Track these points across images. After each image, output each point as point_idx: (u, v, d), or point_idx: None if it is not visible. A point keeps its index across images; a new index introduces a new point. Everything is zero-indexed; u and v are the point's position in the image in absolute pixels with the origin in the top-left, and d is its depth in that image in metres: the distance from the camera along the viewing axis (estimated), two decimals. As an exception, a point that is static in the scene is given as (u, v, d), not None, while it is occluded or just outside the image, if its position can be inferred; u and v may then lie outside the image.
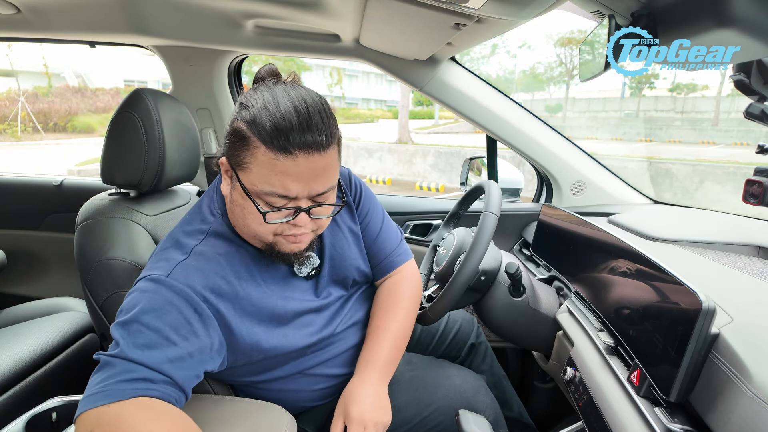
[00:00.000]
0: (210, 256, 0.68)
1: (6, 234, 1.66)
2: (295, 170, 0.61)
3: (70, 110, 15.12)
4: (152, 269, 0.66)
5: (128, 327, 0.59)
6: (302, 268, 0.78)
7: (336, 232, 0.83)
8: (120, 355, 0.57)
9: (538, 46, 40.53)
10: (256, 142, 0.60)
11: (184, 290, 0.63)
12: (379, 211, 0.90)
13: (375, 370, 0.78)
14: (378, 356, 0.79)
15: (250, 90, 0.66)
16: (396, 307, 0.85)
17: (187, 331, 0.62)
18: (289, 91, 0.62)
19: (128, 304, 0.62)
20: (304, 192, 0.63)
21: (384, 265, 0.89)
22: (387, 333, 0.82)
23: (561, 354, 0.90)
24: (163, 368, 0.57)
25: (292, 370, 0.78)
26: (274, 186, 0.62)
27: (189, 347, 0.61)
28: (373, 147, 11.18)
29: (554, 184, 1.45)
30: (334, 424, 0.73)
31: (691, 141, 16.89)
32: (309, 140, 0.60)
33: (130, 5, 1.16)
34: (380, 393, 0.76)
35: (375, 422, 0.72)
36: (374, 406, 0.73)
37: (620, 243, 0.80)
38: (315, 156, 0.61)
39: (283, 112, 0.59)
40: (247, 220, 0.67)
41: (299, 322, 0.75)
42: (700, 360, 0.55)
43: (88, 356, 1.25)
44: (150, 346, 0.58)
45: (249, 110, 0.62)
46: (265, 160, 0.60)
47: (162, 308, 0.61)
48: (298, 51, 1.36)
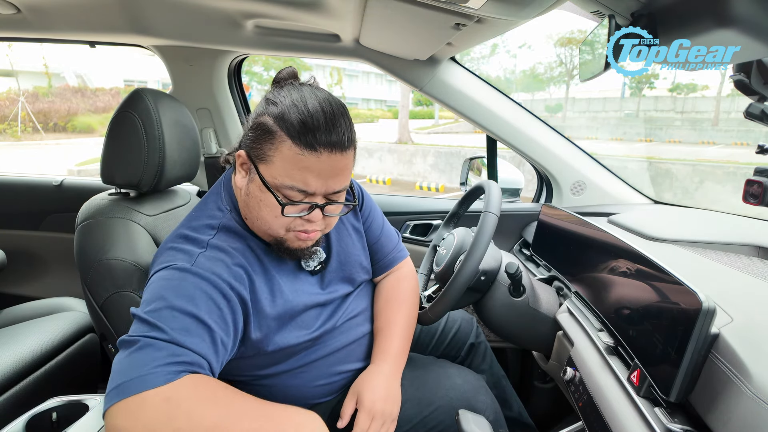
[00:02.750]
0: (226, 248, 0.70)
1: (6, 234, 1.66)
2: (318, 167, 0.64)
3: (70, 110, 15.11)
4: (172, 260, 0.66)
5: (160, 313, 0.59)
6: (309, 262, 0.80)
7: (341, 229, 0.86)
8: (164, 338, 0.56)
9: (538, 46, 40.58)
10: (283, 136, 0.64)
11: (212, 277, 0.64)
12: (379, 211, 0.96)
13: (389, 360, 0.82)
14: (391, 347, 0.84)
15: (276, 89, 0.70)
16: (401, 302, 0.90)
17: (218, 316, 0.63)
18: (316, 93, 0.67)
19: (154, 293, 0.62)
20: (321, 189, 0.66)
21: (386, 261, 0.94)
22: (396, 326, 0.86)
23: (561, 354, 0.90)
24: (204, 352, 0.58)
25: (295, 364, 0.78)
26: (295, 180, 0.65)
27: (221, 333, 0.62)
28: (373, 147, 11.19)
29: (554, 184, 1.45)
30: (347, 404, 0.77)
31: (691, 141, 16.90)
32: (333, 139, 0.64)
33: (130, 5, 1.16)
34: (392, 385, 0.80)
35: (383, 413, 0.75)
36: (385, 397, 0.77)
37: (620, 243, 0.80)
38: (337, 155, 0.65)
39: (311, 111, 0.63)
40: (262, 212, 0.69)
41: (307, 315, 0.77)
42: (700, 360, 0.55)
43: (88, 356, 1.27)
44: (188, 330, 0.58)
45: (277, 106, 0.65)
46: (290, 154, 0.63)
47: (193, 294, 0.62)
48: (298, 51, 1.36)
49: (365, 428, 0.74)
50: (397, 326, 0.86)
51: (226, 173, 0.81)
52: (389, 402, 0.77)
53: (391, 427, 0.77)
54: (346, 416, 0.76)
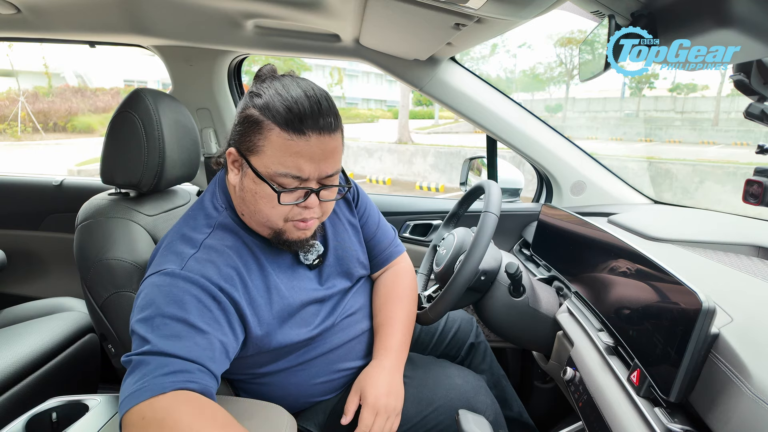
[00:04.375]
0: (219, 248, 0.70)
1: (6, 234, 1.66)
2: (308, 151, 0.65)
3: (70, 110, 15.11)
4: (163, 264, 0.67)
5: (151, 322, 0.59)
6: (308, 255, 0.80)
7: (337, 224, 0.87)
8: (151, 350, 0.57)
9: (538, 46, 40.50)
10: (270, 125, 0.64)
11: (201, 281, 0.64)
12: (375, 207, 0.97)
13: (391, 355, 0.83)
14: (392, 343, 0.84)
15: (258, 82, 0.70)
16: (400, 297, 0.91)
17: (210, 318, 0.63)
18: (297, 81, 0.68)
19: (145, 300, 0.62)
20: (315, 173, 0.67)
21: (383, 257, 0.95)
22: (397, 321, 0.87)
23: (561, 354, 0.90)
24: (196, 356, 0.58)
25: (294, 362, 0.79)
26: (288, 167, 0.65)
27: (215, 334, 0.62)
28: (373, 147, 11.18)
29: (554, 184, 1.45)
30: (350, 400, 0.78)
31: (691, 141, 16.89)
32: (320, 122, 0.65)
33: (130, 5, 1.16)
34: (395, 379, 0.81)
35: (387, 407, 0.76)
36: (388, 392, 0.78)
37: (620, 243, 0.80)
38: (326, 137, 0.65)
39: (295, 97, 0.64)
40: (259, 204, 0.69)
41: (306, 312, 0.78)
42: (700, 360, 0.55)
43: (88, 356, 1.27)
44: (178, 336, 0.59)
45: (261, 97, 0.66)
46: (280, 141, 0.64)
47: (182, 299, 0.62)
48: (298, 51, 1.36)
49: (369, 424, 0.74)
50: (397, 321, 0.87)
51: (219, 173, 0.82)
52: (392, 397, 0.78)
53: (396, 422, 0.77)
54: (350, 413, 0.76)
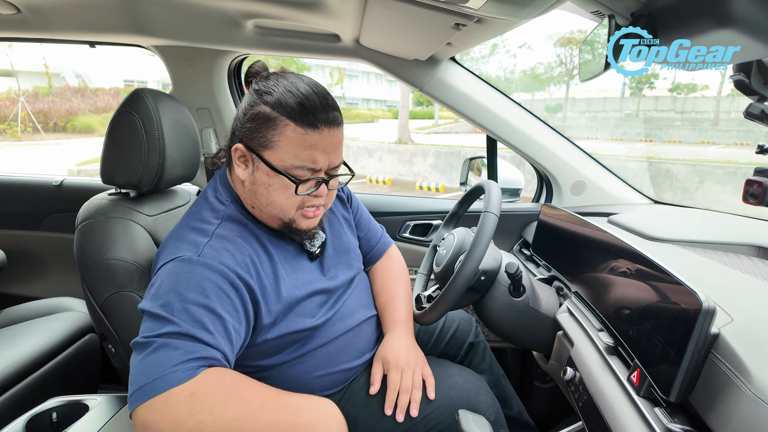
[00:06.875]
0: (231, 238, 0.71)
1: (6, 234, 1.66)
2: (322, 143, 0.69)
3: (70, 110, 15.11)
4: (177, 252, 0.67)
5: (173, 306, 0.60)
6: (314, 242, 0.84)
7: (332, 219, 0.93)
8: (178, 331, 0.57)
9: (538, 46, 40.59)
10: (285, 120, 0.68)
11: (220, 267, 0.65)
12: (363, 206, 1.06)
13: (401, 325, 0.90)
14: (400, 315, 0.92)
15: (262, 80, 0.73)
16: (397, 276, 1.02)
17: (230, 305, 0.64)
18: (301, 78, 0.72)
19: (162, 287, 0.62)
20: (326, 164, 0.72)
21: (377, 249, 1.05)
22: (399, 297, 0.96)
23: (561, 354, 0.90)
24: (218, 344, 0.59)
25: (294, 354, 0.79)
26: (303, 160, 0.69)
27: (234, 322, 0.63)
28: (373, 147, 11.18)
29: (554, 184, 1.45)
30: (375, 370, 0.82)
31: (691, 141, 16.89)
32: (330, 116, 0.69)
33: (130, 5, 1.16)
34: (410, 341, 0.88)
35: (409, 363, 0.82)
36: (407, 351, 0.84)
37: (620, 243, 0.80)
38: (335, 130, 0.71)
39: (305, 93, 0.68)
40: (273, 196, 0.72)
41: (311, 302, 0.79)
42: (700, 360, 0.55)
43: (88, 356, 1.27)
44: (202, 323, 0.59)
45: (271, 95, 0.69)
46: (295, 136, 0.68)
47: (202, 285, 0.63)
48: (298, 51, 1.36)
49: (397, 382, 0.78)
50: (399, 298, 0.95)
51: (219, 171, 0.83)
52: (411, 353, 0.84)
53: (425, 370, 0.83)
54: (377, 381, 0.80)
